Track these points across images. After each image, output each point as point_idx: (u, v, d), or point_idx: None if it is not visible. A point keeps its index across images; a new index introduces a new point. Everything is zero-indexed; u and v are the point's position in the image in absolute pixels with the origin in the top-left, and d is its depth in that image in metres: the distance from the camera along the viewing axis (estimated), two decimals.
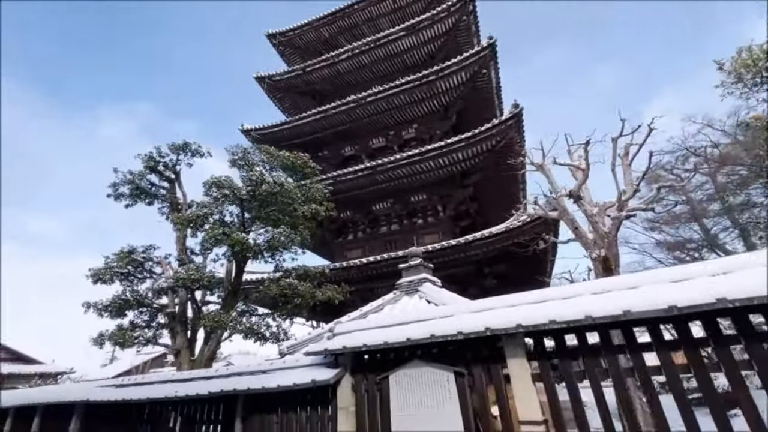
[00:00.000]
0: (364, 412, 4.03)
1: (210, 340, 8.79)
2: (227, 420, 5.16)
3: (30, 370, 26.14)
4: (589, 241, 6.74)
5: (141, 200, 10.26)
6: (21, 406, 9.28)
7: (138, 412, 6.39)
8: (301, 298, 8.94)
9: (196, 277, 8.48)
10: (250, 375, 5.15)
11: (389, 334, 3.82)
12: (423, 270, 7.35)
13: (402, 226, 18.62)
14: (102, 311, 9.12)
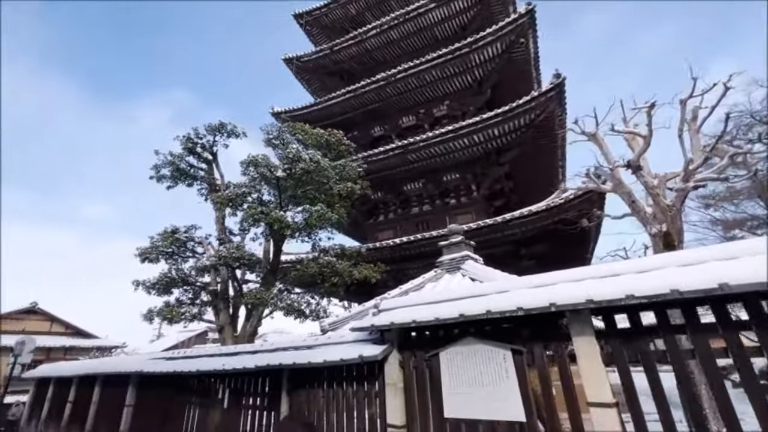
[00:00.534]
0: (412, 388, 3.93)
1: (251, 317, 9.04)
2: (273, 392, 5.25)
3: (88, 344, 28.38)
4: (647, 216, 6.20)
5: (181, 181, 10.55)
6: (83, 375, 10.00)
7: (188, 383, 6.65)
8: (339, 277, 8.97)
9: (237, 255, 8.66)
10: (294, 350, 5.17)
11: (440, 310, 3.65)
12: (464, 247, 7.09)
13: (434, 206, 18.28)
14: (150, 289, 9.58)
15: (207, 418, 6.04)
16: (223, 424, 5.75)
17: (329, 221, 8.91)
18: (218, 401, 5.98)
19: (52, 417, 11.43)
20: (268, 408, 5.26)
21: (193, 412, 6.40)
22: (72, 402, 10.45)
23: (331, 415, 4.56)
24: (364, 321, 4.24)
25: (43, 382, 12.78)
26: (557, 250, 13.26)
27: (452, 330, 3.82)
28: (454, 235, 7.42)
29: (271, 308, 8.61)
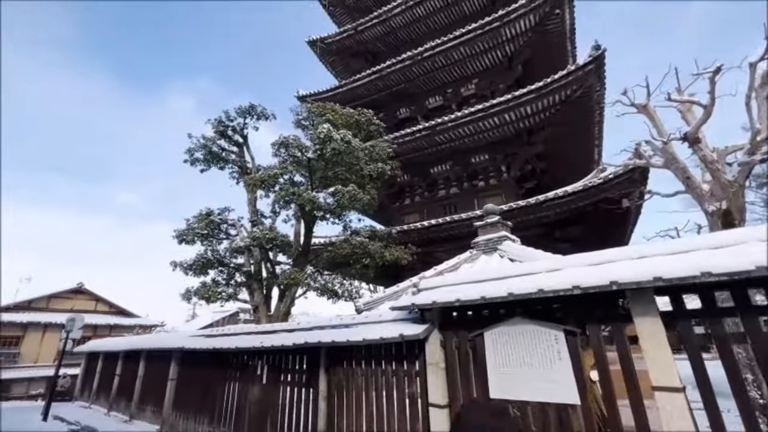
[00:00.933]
0: (455, 368, 3.84)
1: (285, 297, 9.21)
2: (311, 369, 5.31)
3: (130, 322, 30.12)
4: (704, 193, 5.73)
5: (214, 164, 10.75)
6: (129, 350, 10.57)
7: (227, 359, 6.86)
8: (370, 258, 8.95)
9: (270, 236, 8.78)
10: (332, 329, 5.19)
11: (486, 289, 3.50)
12: (501, 228, 6.86)
13: (461, 189, 17.91)
14: (187, 270, 9.91)
15: (246, 393, 6.23)
16: (261, 399, 5.91)
17: (360, 202, 8.85)
18: (257, 377, 6.14)
19: (102, 388, 12.22)
20: (306, 385, 5.34)
21: (232, 387, 6.62)
22: (119, 375, 11.10)
23: (370, 392, 4.57)
24: (404, 300, 4.16)
25: (93, 356, 13.65)
26: (594, 232, 12.72)
27: (498, 310, 3.68)
28: (490, 215, 7.18)
29: (304, 288, 8.73)
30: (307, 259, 9.55)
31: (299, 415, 5.29)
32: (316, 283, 8.55)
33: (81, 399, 13.47)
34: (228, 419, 6.45)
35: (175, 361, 8.32)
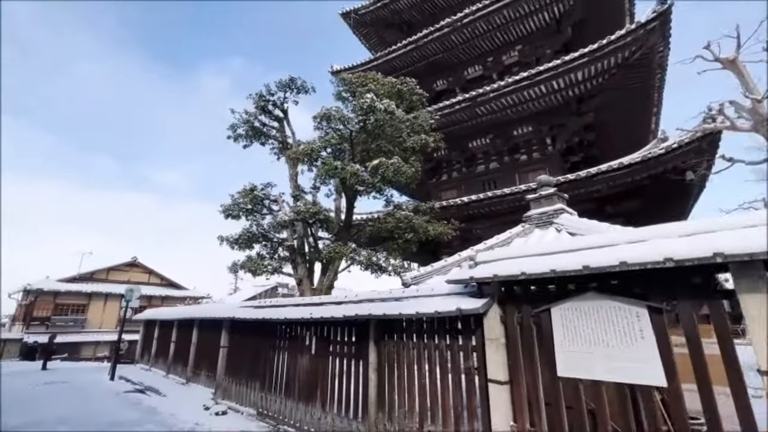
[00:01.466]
0: (516, 344, 3.66)
1: (328, 271, 9.34)
2: (360, 341, 5.32)
3: (180, 294, 32.19)
4: None
5: (256, 140, 10.87)
6: (183, 319, 11.21)
7: (275, 330, 7.06)
8: (413, 233, 8.80)
9: (313, 210, 8.82)
10: (381, 302, 5.13)
11: (556, 261, 3.24)
12: (557, 200, 6.45)
13: (502, 163, 17.18)
14: (233, 244, 10.25)
15: (295, 362, 6.39)
16: (311, 368, 6.04)
17: (404, 175, 8.64)
18: (305, 347, 6.27)
19: (160, 353, 13.14)
20: (355, 356, 5.36)
21: (281, 356, 6.83)
22: (174, 342, 11.86)
23: (422, 365, 4.50)
24: (461, 273, 3.97)
25: (150, 323, 14.66)
26: (650, 206, 11.82)
27: (566, 284, 3.42)
28: (544, 187, 6.75)
29: (348, 262, 8.78)
30: (349, 234, 9.54)
31: (350, 385, 5.36)
32: (360, 257, 8.54)
33: (141, 362, 14.62)
34: (278, 386, 6.68)
35: (226, 330, 8.71)
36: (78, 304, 28.84)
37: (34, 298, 27.48)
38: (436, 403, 4.25)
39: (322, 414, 5.60)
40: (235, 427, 6.43)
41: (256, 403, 7.12)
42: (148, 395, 9.69)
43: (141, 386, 10.75)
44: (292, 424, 6.07)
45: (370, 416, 4.88)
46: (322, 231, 10.38)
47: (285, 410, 6.35)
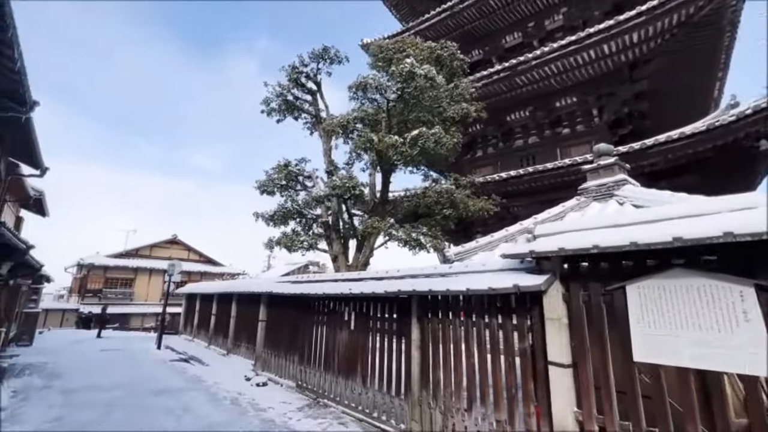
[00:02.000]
0: (582, 324, 3.32)
1: (363, 247, 9.20)
2: (402, 318, 5.14)
3: (217, 270, 33.60)
4: None
5: (289, 114, 10.70)
6: (222, 293, 11.54)
7: (313, 305, 7.03)
8: (453, 208, 8.42)
9: (350, 185, 8.62)
10: (425, 277, 4.89)
11: (635, 234, 2.84)
12: (619, 170, 5.87)
13: (542, 137, 16.21)
14: (268, 220, 10.30)
15: (334, 337, 6.35)
16: (350, 344, 5.97)
17: (445, 146, 8.19)
18: (344, 322, 6.19)
19: (201, 325, 13.70)
20: (397, 333, 5.20)
21: (319, 330, 6.81)
22: (215, 315, 12.29)
23: (470, 344, 4.26)
24: (519, 247, 3.64)
25: (191, 297, 15.30)
26: (711, 181, 10.76)
27: (645, 259, 3.01)
28: (603, 156, 6.15)
29: (385, 238, 8.57)
30: (385, 210, 9.29)
31: (391, 362, 5.23)
32: (398, 232, 8.28)
33: (185, 333, 15.37)
34: (317, 360, 6.70)
35: (264, 304, 8.84)
36: (125, 278, 30.76)
37: (87, 272, 29.53)
38: (487, 385, 4.02)
39: (362, 389, 5.54)
40: (278, 397, 6.53)
41: (295, 375, 7.20)
42: (192, 364, 10.12)
43: (185, 356, 11.27)
44: (332, 398, 6.08)
45: (413, 394, 4.74)
46: (356, 207, 10.19)
47: (324, 384, 6.36)
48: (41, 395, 6.47)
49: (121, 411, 5.60)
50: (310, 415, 5.65)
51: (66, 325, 26.87)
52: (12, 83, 7.14)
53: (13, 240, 5.89)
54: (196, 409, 5.82)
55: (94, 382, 7.53)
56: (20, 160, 11.01)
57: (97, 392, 6.73)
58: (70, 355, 11.47)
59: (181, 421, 5.21)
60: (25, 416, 5.29)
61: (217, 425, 5.10)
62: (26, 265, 9.57)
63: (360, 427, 5.12)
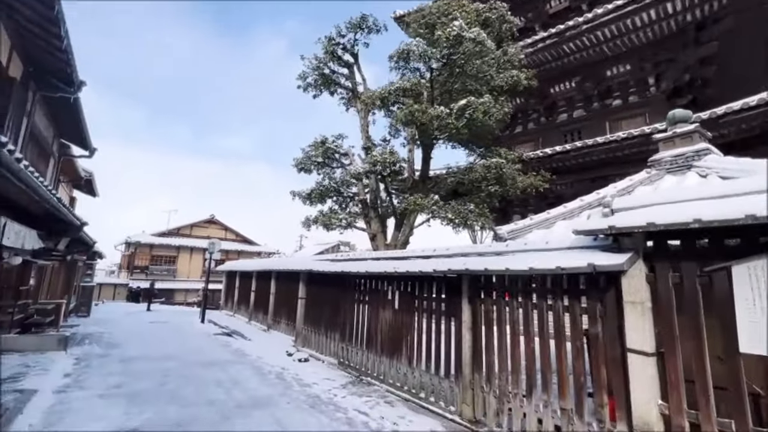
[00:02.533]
0: (670, 309, 2.94)
1: (403, 225, 8.97)
2: (451, 298, 4.90)
3: (253, 249, 34.70)
4: None
5: (325, 88, 10.43)
6: (261, 270, 11.76)
7: (355, 283, 6.92)
8: (499, 185, 7.93)
9: (391, 160, 8.32)
10: (478, 256, 4.60)
11: (751, 206, 2.39)
12: (700, 139, 5.22)
13: (589, 111, 15.08)
14: (306, 198, 10.26)
15: (377, 316, 6.23)
16: (394, 323, 5.82)
17: (494, 117, 7.67)
18: (388, 301, 6.04)
19: (241, 301, 14.14)
20: (446, 313, 4.98)
21: (361, 309, 6.72)
22: (254, 291, 12.60)
23: (529, 328, 3.97)
24: (594, 222, 3.26)
25: (231, 274, 15.79)
26: None
27: (756, 237, 2.57)
28: (679, 123, 5.47)
29: (428, 216, 8.25)
30: (425, 187, 8.94)
31: (439, 343, 5.04)
32: (443, 210, 7.93)
33: (226, 308, 15.98)
34: (359, 338, 6.64)
35: (303, 282, 8.87)
36: (169, 255, 32.41)
37: (134, 250, 31.32)
38: (549, 371, 3.74)
39: (408, 369, 5.41)
40: (320, 374, 6.56)
41: (337, 353, 7.21)
42: (235, 338, 10.45)
43: (228, 330, 11.67)
44: (375, 377, 6.01)
45: (464, 376, 4.54)
46: (393, 185, 9.89)
47: (367, 362, 6.30)
48: (101, 363, 6.83)
49: (174, 381, 5.79)
50: (355, 392, 5.61)
51: (118, 299, 28.84)
52: (59, 63, 7.28)
53: (68, 216, 6.10)
54: (243, 382, 5.93)
55: (147, 352, 7.90)
56: (71, 142, 11.50)
57: (150, 362, 7.03)
58: (123, 326, 12.19)
59: (231, 394, 5.30)
60: (88, 382, 5.57)
61: (265, 398, 5.15)
62: (81, 241, 10.08)
63: (407, 407, 5.02)
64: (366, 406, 4.99)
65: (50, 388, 5.13)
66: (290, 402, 5.07)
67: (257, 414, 4.53)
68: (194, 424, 4.12)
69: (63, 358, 6.95)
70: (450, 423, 4.48)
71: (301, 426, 4.26)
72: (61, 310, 10.17)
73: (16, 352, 7.02)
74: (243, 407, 4.76)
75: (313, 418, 4.53)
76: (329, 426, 4.31)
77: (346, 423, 4.42)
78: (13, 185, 3.63)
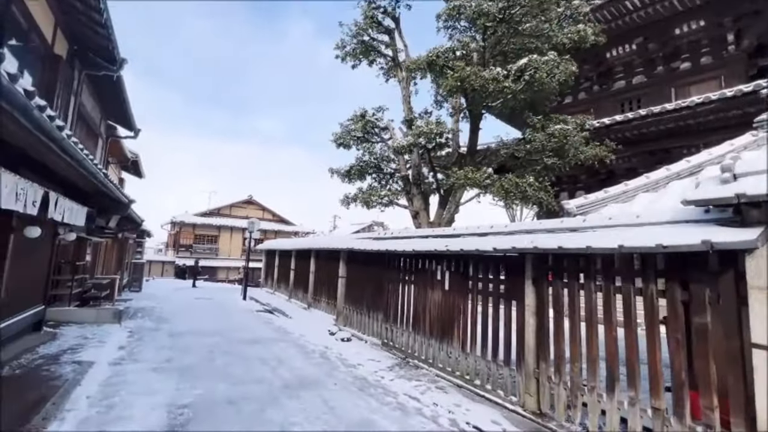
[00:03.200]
0: None
1: (448, 202, 8.46)
2: (512, 279, 4.45)
3: (289, 229, 35.43)
4: None
5: (365, 57, 9.90)
6: (300, 249, 11.72)
7: (400, 262, 6.60)
8: (558, 157, 7.18)
9: (437, 131, 7.75)
10: (546, 232, 4.08)
11: None
12: None
13: (651, 76, 13.60)
14: (344, 176, 9.96)
15: (424, 297, 5.89)
16: (444, 305, 5.46)
17: (557, 79, 6.87)
18: (436, 282, 5.67)
19: (281, 279, 14.32)
20: (505, 296, 4.54)
21: (406, 289, 6.41)
22: (294, 270, 12.66)
23: (611, 315, 3.46)
24: (709, 191, 2.66)
25: (270, 253, 16.02)
26: None
27: None
28: None
29: (481, 191, 7.66)
30: (474, 160, 8.31)
31: (497, 328, 4.63)
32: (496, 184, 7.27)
33: (266, 286, 16.33)
34: (404, 319, 6.36)
35: (344, 261, 8.68)
36: (210, 234, 33.76)
37: (179, 229, 32.84)
38: (636, 364, 3.24)
39: (461, 354, 5.06)
40: (365, 354, 6.37)
41: (380, 333, 6.99)
42: (276, 315, 10.56)
43: (269, 307, 11.84)
44: (423, 360, 5.73)
45: (528, 365, 4.12)
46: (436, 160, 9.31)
47: (414, 344, 6.02)
48: (152, 337, 7.02)
49: (221, 358, 5.79)
50: (403, 375, 5.35)
51: (166, 275, 30.55)
52: (101, 39, 7.24)
53: (115, 192, 6.13)
54: (288, 361, 5.84)
55: (195, 328, 8.07)
56: (116, 123, 11.79)
57: (198, 337, 7.14)
58: (172, 301, 12.71)
59: (277, 372, 5.21)
60: (141, 355, 5.68)
61: (311, 379, 5.01)
62: (130, 219, 10.41)
63: (461, 393, 4.69)
64: (416, 391, 4.71)
65: (106, 360, 5.25)
66: (337, 383, 4.89)
67: (305, 395, 4.37)
68: (244, 404, 4.01)
69: (118, 331, 7.20)
70: (511, 414, 4.11)
71: (352, 410, 4.05)
72: (116, 285, 10.66)
73: (76, 324, 7.35)
74: (290, 387, 4.63)
75: (363, 401, 4.31)
76: (380, 411, 4.07)
77: (397, 408, 4.17)
78: (57, 156, 3.51)
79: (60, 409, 3.58)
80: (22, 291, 5.77)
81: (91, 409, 3.66)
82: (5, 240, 4.70)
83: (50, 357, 5.20)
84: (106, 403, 3.82)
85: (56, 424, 3.30)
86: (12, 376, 4.39)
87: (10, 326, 5.25)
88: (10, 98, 2.20)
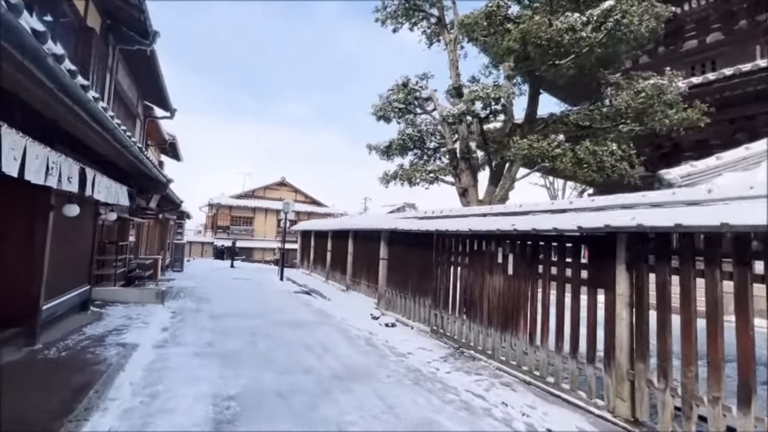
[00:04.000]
0: None
1: (502, 178, 7.69)
2: (597, 263, 3.77)
3: (322, 210, 35.55)
4: None
5: (407, 20, 9.08)
6: (337, 230, 11.36)
7: (450, 243, 6.02)
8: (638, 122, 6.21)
9: (495, 95, 6.91)
10: (651, 207, 3.34)
11: None
12: None
13: (730, 33, 11.91)
14: (384, 152, 9.36)
15: (481, 282, 5.30)
16: (507, 292, 4.85)
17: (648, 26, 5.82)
18: (496, 265, 5.05)
19: (317, 261, 14.13)
20: (589, 283, 3.87)
21: (459, 272, 5.85)
22: (330, 251, 12.37)
23: (746, 310, 2.73)
24: None
25: (305, 234, 15.86)
26: None
27: None
28: None
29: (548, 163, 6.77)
30: (533, 130, 7.42)
31: (576, 320, 3.98)
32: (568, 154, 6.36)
33: (302, 267, 16.27)
34: (456, 306, 5.82)
35: (385, 242, 8.21)
36: (246, 216, 34.48)
37: (216, 211, 33.73)
38: None
39: (529, 347, 4.47)
40: (413, 342, 5.92)
41: (428, 319, 6.50)
42: (314, 297, 10.34)
43: (306, 288, 11.67)
44: (481, 350, 5.19)
45: (619, 365, 3.48)
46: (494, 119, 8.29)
47: (469, 333, 5.48)
48: (194, 318, 6.90)
49: (263, 342, 5.53)
50: (460, 368, 4.85)
51: (205, 256, 31.63)
52: (133, 10, 6.91)
53: (153, 170, 5.90)
54: (334, 347, 5.49)
55: (235, 309, 7.94)
56: (153, 103, 11.71)
57: (238, 319, 6.97)
58: (211, 281, 12.84)
59: (324, 360, 4.85)
60: (184, 338, 5.50)
61: (361, 369, 4.61)
62: (169, 199, 10.39)
63: (531, 392, 4.13)
64: (479, 387, 4.20)
65: (150, 343, 5.09)
66: (390, 375, 4.45)
67: (358, 389, 3.96)
68: (294, 397, 3.64)
69: (161, 311, 7.14)
70: (598, 420, 3.51)
71: (411, 408, 3.60)
72: (158, 265, 10.80)
73: (121, 303, 7.37)
74: (340, 379, 4.24)
75: (422, 398, 3.85)
76: (443, 410, 3.59)
77: (462, 407, 3.67)
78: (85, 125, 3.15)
79: (102, 397, 3.35)
80: (67, 271, 5.71)
81: (135, 398, 3.42)
82: (45, 217, 4.52)
83: (96, 338, 5.10)
84: (149, 391, 3.57)
85: (98, 415, 3.05)
86: (59, 358, 4.27)
87: (56, 306, 5.19)
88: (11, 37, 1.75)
